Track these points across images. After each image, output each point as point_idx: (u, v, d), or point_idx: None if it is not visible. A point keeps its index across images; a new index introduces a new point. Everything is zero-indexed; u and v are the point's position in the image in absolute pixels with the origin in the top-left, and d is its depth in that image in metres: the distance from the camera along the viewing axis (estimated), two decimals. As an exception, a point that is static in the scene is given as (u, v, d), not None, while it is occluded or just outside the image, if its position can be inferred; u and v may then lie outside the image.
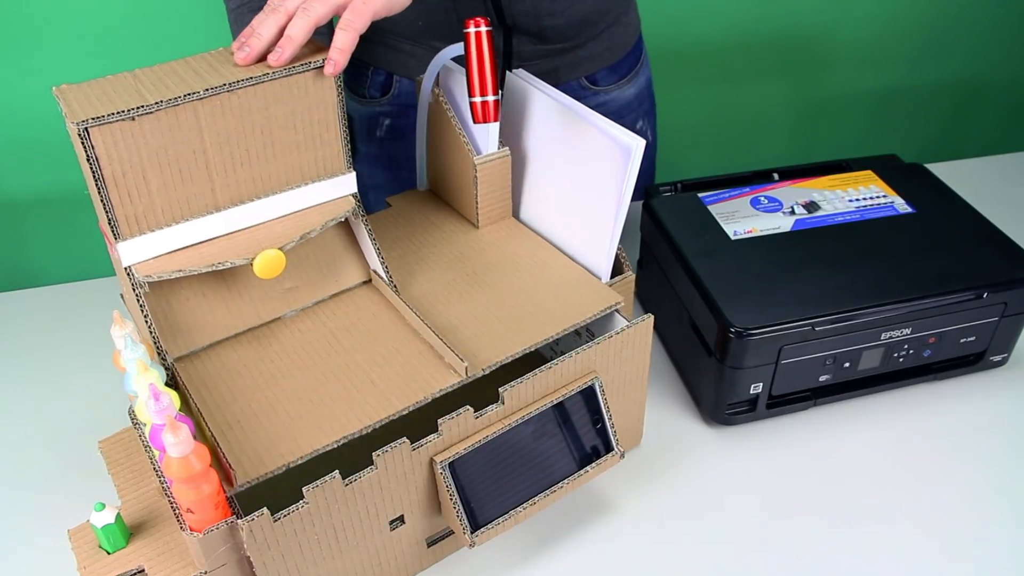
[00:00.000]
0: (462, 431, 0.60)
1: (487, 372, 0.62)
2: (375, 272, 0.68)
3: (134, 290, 0.59)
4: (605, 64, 1.01)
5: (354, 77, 1.06)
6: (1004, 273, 0.75)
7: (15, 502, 0.74)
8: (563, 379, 0.64)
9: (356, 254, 0.68)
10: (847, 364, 0.75)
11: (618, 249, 0.72)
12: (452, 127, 0.73)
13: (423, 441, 0.59)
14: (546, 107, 0.74)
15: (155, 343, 0.61)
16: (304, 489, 0.55)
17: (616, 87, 1.04)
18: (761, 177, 0.89)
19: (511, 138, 0.79)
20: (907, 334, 0.75)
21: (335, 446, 0.57)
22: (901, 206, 0.83)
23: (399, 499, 0.61)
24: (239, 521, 0.54)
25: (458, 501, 0.61)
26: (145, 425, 0.61)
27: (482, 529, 0.61)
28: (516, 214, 0.81)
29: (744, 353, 0.71)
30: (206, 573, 0.55)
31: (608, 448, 0.67)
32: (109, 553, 0.60)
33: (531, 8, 0.90)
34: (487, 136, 0.74)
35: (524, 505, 0.63)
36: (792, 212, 0.83)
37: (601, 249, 0.72)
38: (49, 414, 0.83)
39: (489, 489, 0.62)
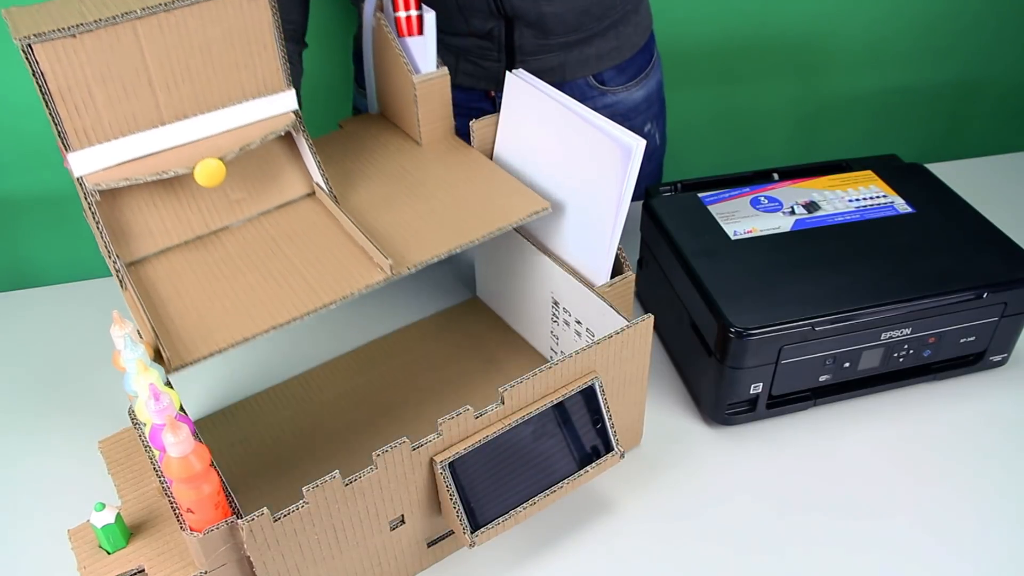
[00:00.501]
0: (462, 431, 0.61)
1: (413, 271, 0.65)
2: (317, 184, 0.72)
3: (86, 199, 0.63)
4: (613, 63, 1.01)
5: (360, 71, 1.07)
6: (1004, 273, 0.75)
7: (15, 502, 0.74)
8: (563, 379, 0.64)
9: (300, 168, 0.72)
10: (847, 364, 0.75)
11: (618, 249, 0.72)
12: (392, 49, 0.77)
13: (423, 441, 0.59)
14: (546, 107, 0.74)
15: (106, 248, 0.65)
16: (304, 489, 0.55)
17: (624, 88, 1.04)
18: (761, 177, 0.89)
19: (511, 138, 0.79)
20: (907, 334, 0.75)
21: (265, 334, 0.61)
22: (901, 206, 0.83)
23: (399, 499, 0.61)
24: (239, 521, 0.54)
25: (458, 501, 0.61)
26: (145, 425, 0.61)
27: (482, 529, 0.61)
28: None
29: (744, 353, 0.71)
30: (206, 573, 0.55)
31: (608, 448, 0.67)
32: (109, 553, 0.60)
33: None
34: (425, 56, 0.76)
35: (524, 505, 0.63)
36: (792, 212, 0.83)
37: (601, 249, 0.72)
38: (49, 414, 0.83)
39: (489, 489, 0.62)
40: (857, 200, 0.84)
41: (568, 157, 0.73)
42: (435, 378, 0.83)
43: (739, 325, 0.70)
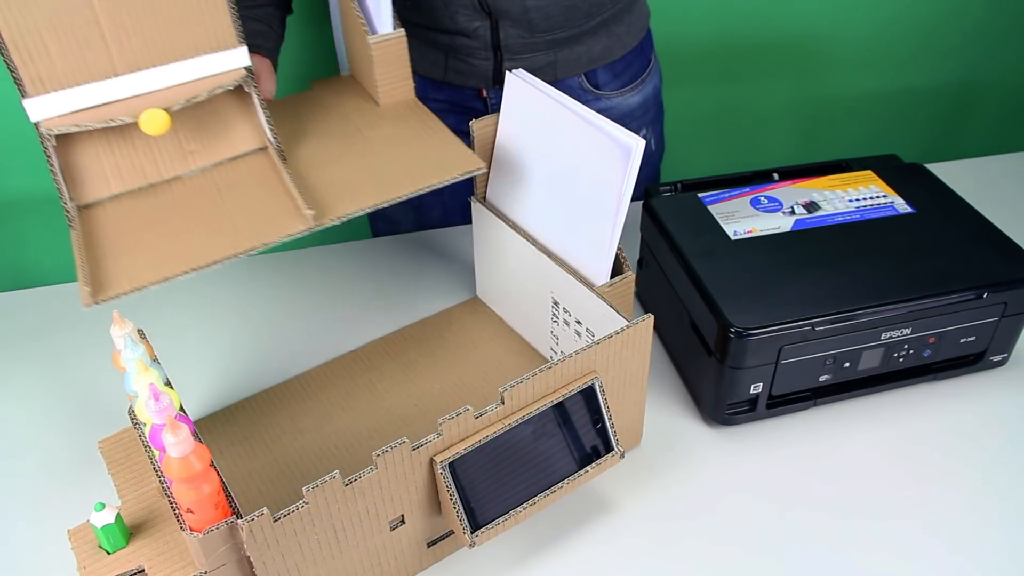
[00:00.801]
0: (462, 431, 0.61)
1: (338, 222, 0.68)
2: (268, 140, 0.75)
3: (43, 143, 0.66)
4: (605, 62, 1.01)
5: None
6: (1004, 273, 0.75)
7: (15, 502, 0.74)
8: (563, 379, 0.64)
9: (254, 123, 0.75)
10: (847, 364, 0.75)
11: (618, 249, 0.72)
12: (352, 10, 0.78)
13: (423, 441, 0.59)
14: (546, 107, 0.74)
15: (60, 191, 0.68)
16: (304, 489, 0.55)
17: (619, 94, 1.04)
18: (761, 177, 0.89)
19: (511, 138, 0.79)
20: (907, 334, 0.75)
21: (185, 275, 0.64)
22: (901, 206, 0.83)
23: (399, 499, 0.61)
24: (239, 521, 0.54)
25: (458, 501, 0.61)
26: (145, 425, 0.61)
27: (482, 529, 0.61)
28: (516, 214, 0.81)
29: (744, 353, 0.71)
30: (206, 573, 0.55)
31: (608, 448, 0.67)
32: (109, 553, 0.60)
33: None
34: (381, 16, 0.77)
35: (524, 505, 0.63)
36: (792, 212, 0.83)
37: (601, 249, 0.72)
38: (49, 414, 0.83)
39: (489, 489, 0.62)
40: (857, 200, 0.84)
41: (568, 157, 0.73)
42: (435, 378, 0.83)
43: (739, 325, 0.70)
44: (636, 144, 0.66)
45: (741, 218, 0.82)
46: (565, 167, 0.74)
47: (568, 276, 0.74)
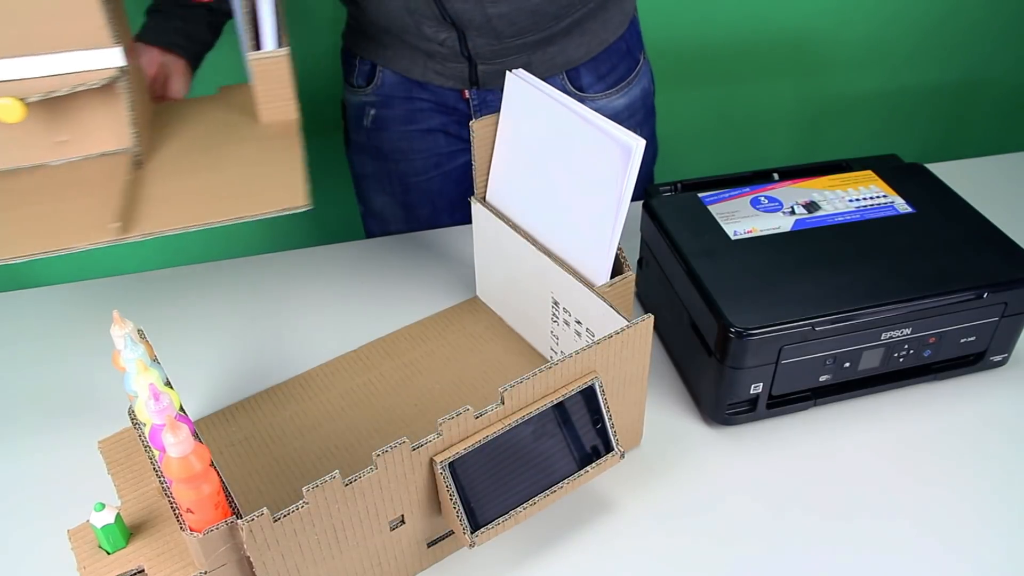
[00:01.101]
0: (462, 431, 0.61)
1: (141, 239, 0.70)
2: (129, 142, 0.77)
3: None
4: (583, 60, 1.00)
5: (345, 66, 1.07)
6: (1004, 273, 0.75)
7: (15, 502, 0.74)
8: (563, 379, 0.64)
9: (123, 123, 0.77)
10: (847, 364, 0.75)
11: (618, 249, 0.72)
12: (247, 23, 0.80)
13: (423, 441, 0.59)
14: (545, 107, 0.74)
15: None
16: (304, 489, 0.55)
17: (604, 96, 1.04)
18: (761, 177, 0.89)
19: (511, 138, 0.79)
20: (907, 334, 0.75)
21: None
22: (901, 206, 0.83)
23: (399, 499, 0.61)
24: (239, 521, 0.54)
25: (458, 501, 0.61)
26: (145, 425, 0.61)
27: (482, 529, 0.61)
28: (515, 215, 0.81)
29: (744, 353, 0.71)
30: (206, 573, 0.55)
31: (608, 448, 0.67)
32: (109, 553, 0.60)
33: None
34: (267, 33, 0.78)
35: (524, 505, 0.63)
36: (792, 212, 0.83)
37: (601, 249, 0.72)
38: (49, 414, 0.83)
39: (489, 489, 0.62)
40: (857, 200, 0.84)
41: (568, 157, 0.73)
42: (435, 378, 0.83)
43: (739, 325, 0.70)
44: (636, 144, 0.66)
45: (741, 218, 0.82)
46: (565, 167, 0.74)
47: (568, 276, 0.74)
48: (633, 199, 0.70)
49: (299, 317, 0.93)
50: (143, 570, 0.59)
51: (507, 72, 0.77)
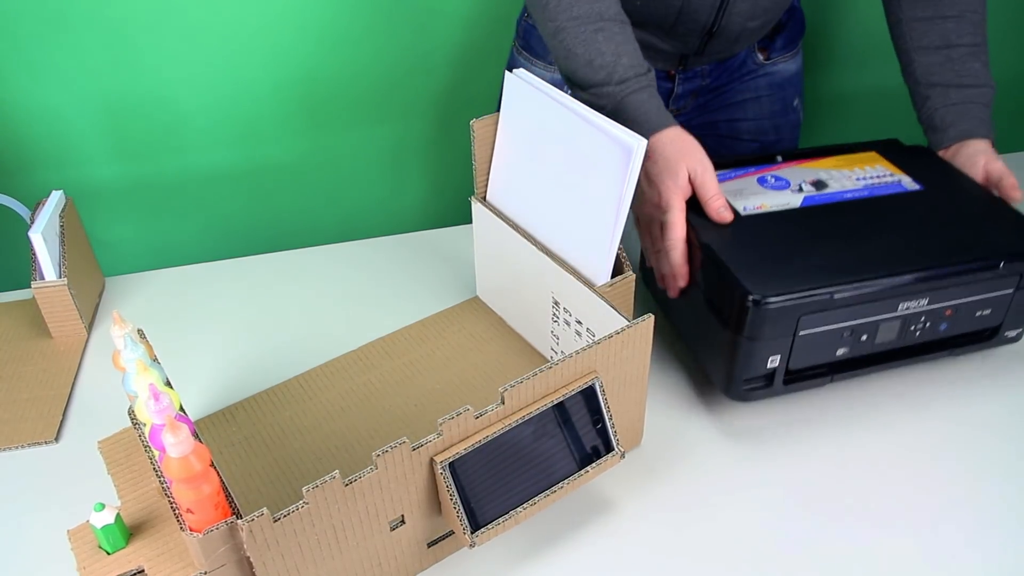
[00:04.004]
0: (462, 431, 0.60)
1: None
2: None
3: None
4: (771, 26, 1.02)
5: (543, 45, 1.07)
6: (1019, 244, 0.75)
7: (16, 502, 0.74)
8: (563, 379, 0.64)
9: None
10: (864, 337, 0.74)
11: (618, 249, 0.72)
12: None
13: (423, 441, 0.59)
14: (546, 107, 0.74)
15: None
16: (304, 489, 0.55)
17: (783, 59, 1.07)
18: (764, 160, 0.88)
19: (511, 138, 0.79)
20: (924, 306, 0.74)
21: None
22: (909, 184, 0.83)
23: (399, 499, 0.60)
24: (239, 521, 0.54)
25: (458, 501, 0.60)
26: (145, 425, 0.61)
27: (482, 529, 0.61)
28: (516, 214, 0.81)
29: (762, 323, 0.70)
30: (206, 573, 0.55)
31: (608, 448, 0.67)
32: (109, 553, 0.60)
33: (748, 9, 0.91)
34: (46, 266, 0.88)
35: (524, 505, 0.63)
36: (800, 190, 0.82)
37: (601, 250, 0.72)
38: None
39: (489, 489, 0.62)
40: (864, 179, 0.84)
41: (569, 157, 0.73)
42: (435, 378, 0.83)
43: (757, 293, 0.69)
44: (637, 144, 0.66)
45: (749, 195, 0.81)
46: (566, 167, 0.74)
47: (568, 276, 0.74)
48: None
49: (299, 317, 0.93)
50: (143, 570, 0.59)
51: (507, 72, 0.77)
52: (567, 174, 0.74)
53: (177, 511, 0.55)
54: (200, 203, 1.45)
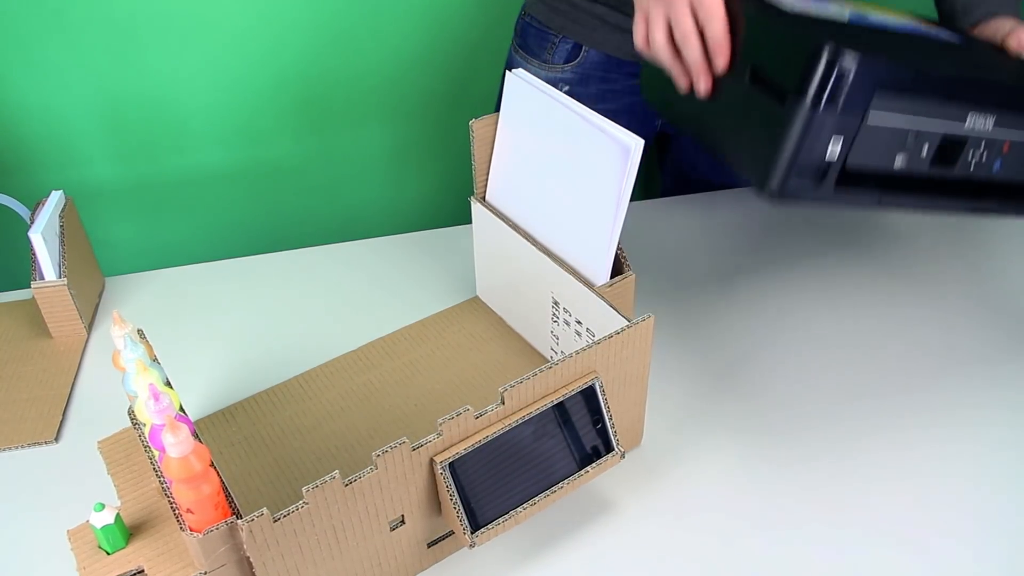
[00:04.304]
0: (462, 431, 0.60)
1: None
2: None
3: None
4: None
5: (539, 43, 1.07)
6: None
7: (15, 502, 0.74)
8: (563, 379, 0.64)
9: None
10: (925, 149, 0.67)
11: (618, 249, 0.72)
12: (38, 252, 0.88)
13: (423, 441, 0.59)
14: (546, 107, 0.74)
15: None
16: (304, 489, 0.55)
17: None
18: None
19: (511, 138, 0.79)
20: (988, 128, 0.68)
21: None
22: (948, 36, 0.78)
23: (399, 499, 0.61)
24: (239, 521, 0.54)
25: (458, 501, 0.60)
26: (145, 425, 0.61)
27: (482, 529, 0.61)
28: (515, 215, 0.81)
29: (836, 85, 0.60)
30: (206, 573, 0.55)
31: (608, 448, 0.67)
32: (109, 553, 0.60)
33: None
34: (46, 265, 0.88)
35: (524, 505, 0.63)
36: (844, 10, 0.75)
37: (600, 249, 0.72)
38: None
39: (489, 489, 0.62)
40: (903, 23, 0.78)
41: (568, 157, 0.73)
42: (435, 378, 0.83)
43: (834, 45, 0.60)
44: (635, 144, 0.66)
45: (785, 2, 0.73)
46: (565, 167, 0.74)
47: (568, 276, 0.74)
48: (634, 195, 0.70)
49: (299, 317, 0.93)
50: (143, 570, 0.59)
51: (507, 72, 0.77)
52: (566, 174, 0.74)
53: (177, 511, 0.55)
54: (200, 203, 1.45)
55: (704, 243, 1.03)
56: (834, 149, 0.63)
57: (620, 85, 1.06)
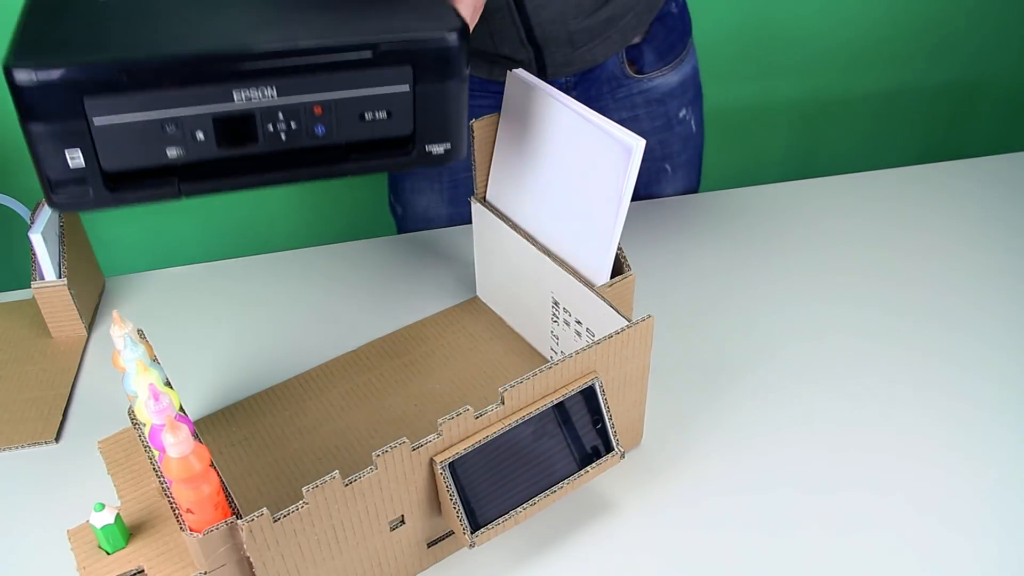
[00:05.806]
0: (462, 431, 0.60)
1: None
2: None
3: None
4: (637, 37, 1.01)
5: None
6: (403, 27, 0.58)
7: (15, 502, 0.74)
8: (563, 379, 0.64)
9: None
10: (201, 135, 0.57)
11: (618, 249, 0.72)
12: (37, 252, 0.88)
13: (423, 441, 0.59)
14: (546, 106, 0.74)
15: None
16: (304, 489, 0.55)
17: (660, 73, 1.04)
18: None
19: (511, 138, 0.79)
20: (274, 99, 0.57)
21: None
22: None
23: (399, 499, 0.61)
24: (239, 521, 0.54)
25: (458, 501, 0.61)
26: (145, 425, 0.61)
27: (482, 529, 0.61)
28: (515, 214, 0.81)
29: (31, 102, 0.53)
30: (206, 573, 0.55)
31: (608, 448, 0.67)
32: (109, 553, 0.60)
33: (557, 15, 0.89)
34: (46, 265, 0.87)
35: (524, 505, 0.63)
36: None
37: (601, 249, 0.72)
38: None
39: (489, 489, 0.62)
40: None
41: (568, 157, 0.73)
42: (435, 378, 0.83)
43: (15, 63, 0.52)
44: (636, 144, 0.66)
45: None
46: (565, 167, 0.74)
47: (568, 276, 0.74)
48: (634, 199, 0.70)
49: (299, 317, 0.93)
50: (143, 570, 0.59)
51: (507, 72, 0.77)
52: (567, 174, 0.74)
53: (177, 511, 0.55)
54: (200, 203, 1.45)
55: (704, 243, 1.03)
56: (77, 160, 0.57)
57: (486, 101, 1.02)
